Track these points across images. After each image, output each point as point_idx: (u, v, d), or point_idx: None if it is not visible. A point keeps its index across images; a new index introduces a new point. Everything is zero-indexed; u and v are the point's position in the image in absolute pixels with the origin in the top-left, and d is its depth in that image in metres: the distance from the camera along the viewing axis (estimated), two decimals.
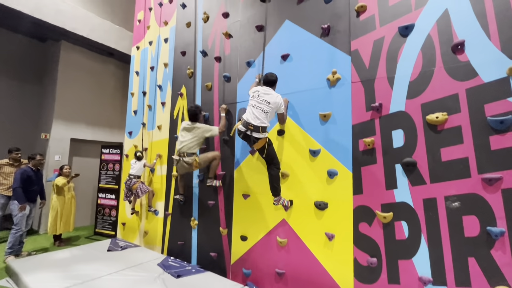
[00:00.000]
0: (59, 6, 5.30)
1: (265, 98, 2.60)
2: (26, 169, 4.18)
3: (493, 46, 1.95)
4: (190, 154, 3.21)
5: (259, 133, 2.57)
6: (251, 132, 2.57)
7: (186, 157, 3.19)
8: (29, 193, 4.15)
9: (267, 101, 2.59)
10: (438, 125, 2.11)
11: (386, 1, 2.47)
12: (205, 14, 3.97)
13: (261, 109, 2.58)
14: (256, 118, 2.57)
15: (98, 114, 6.65)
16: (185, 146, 3.22)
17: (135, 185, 4.16)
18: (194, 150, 3.24)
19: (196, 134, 3.26)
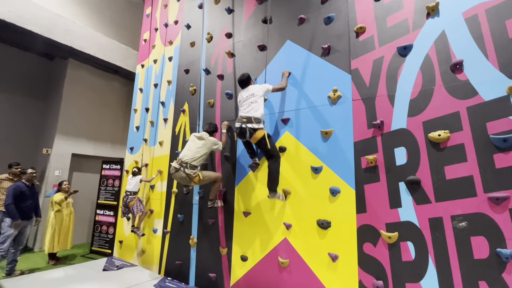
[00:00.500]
0: (69, 26, 5.50)
1: (248, 94, 2.81)
2: (18, 185, 4.02)
3: (491, 66, 1.98)
4: (194, 166, 2.98)
5: (253, 123, 2.66)
6: (246, 125, 2.65)
7: (188, 168, 2.95)
8: (23, 209, 3.97)
9: (251, 94, 2.79)
10: (441, 143, 2.10)
11: (384, 23, 2.55)
12: (209, 35, 4.11)
13: (248, 102, 2.76)
14: (247, 111, 2.73)
15: (100, 130, 6.70)
16: (190, 157, 2.99)
17: (132, 202, 4.10)
18: (198, 162, 3.02)
19: (205, 145, 3.09)
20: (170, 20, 4.95)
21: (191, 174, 2.94)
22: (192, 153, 3.01)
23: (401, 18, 2.46)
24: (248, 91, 2.84)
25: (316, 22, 3.01)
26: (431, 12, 2.31)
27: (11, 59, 6.11)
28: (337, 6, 2.88)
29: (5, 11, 4.71)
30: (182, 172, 2.94)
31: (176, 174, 2.99)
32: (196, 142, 3.10)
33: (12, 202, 3.84)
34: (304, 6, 3.13)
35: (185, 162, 2.96)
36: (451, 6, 2.23)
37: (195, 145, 3.07)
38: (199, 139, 3.12)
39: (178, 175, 2.99)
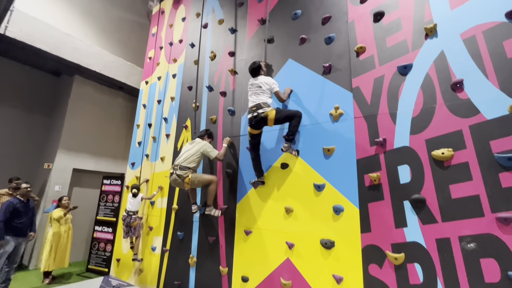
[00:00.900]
0: (76, 44, 5.68)
1: (256, 83, 2.93)
2: (12, 201, 3.88)
3: (491, 85, 2.00)
4: (184, 167, 3.02)
5: (263, 108, 2.76)
6: (257, 112, 2.76)
7: (179, 170, 3.02)
8: (17, 226, 3.83)
9: (258, 85, 2.91)
10: (445, 161, 2.08)
11: (384, 43, 2.61)
12: (213, 53, 4.21)
13: (256, 93, 2.89)
14: (255, 100, 2.85)
15: (103, 145, 6.73)
16: (181, 159, 3.10)
17: (136, 222, 4.07)
18: (189, 164, 3.05)
19: (195, 147, 3.15)
20: (175, 39, 5.10)
21: (182, 175, 3.01)
22: (184, 156, 3.14)
23: (400, 38, 2.52)
24: (258, 80, 2.94)
25: (317, 42, 3.09)
26: (429, 33, 2.37)
27: (18, 75, 6.25)
28: (337, 27, 2.97)
29: (17, 30, 4.89)
30: (174, 175, 3.05)
31: (171, 178, 3.11)
32: (188, 147, 3.25)
33: (3, 219, 3.64)
34: (305, 27, 3.23)
35: (177, 165, 3.10)
36: (448, 27, 2.29)
37: (187, 149, 3.22)
38: (190, 144, 3.29)
39: (172, 178, 3.10)
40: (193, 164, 3.10)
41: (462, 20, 2.25)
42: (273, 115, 2.74)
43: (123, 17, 7.24)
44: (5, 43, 5.07)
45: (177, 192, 4.04)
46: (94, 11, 6.59)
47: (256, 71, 3.03)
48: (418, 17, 2.47)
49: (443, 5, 2.37)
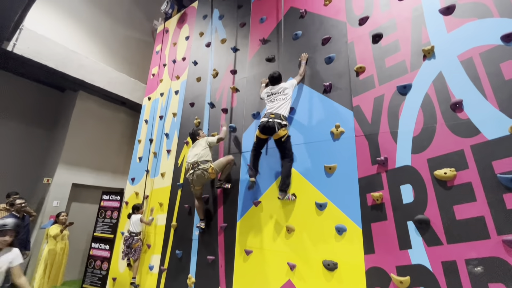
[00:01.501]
0: (82, 61, 5.81)
1: (277, 89, 2.96)
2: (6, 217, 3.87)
3: (491, 106, 2.02)
4: (205, 161, 3.20)
5: (281, 120, 2.76)
6: (274, 120, 2.75)
7: (201, 164, 3.18)
8: None
9: (281, 89, 2.94)
10: (448, 181, 2.07)
11: (383, 63, 2.67)
12: (215, 71, 4.30)
13: (279, 98, 2.90)
14: (276, 108, 2.84)
15: (103, 160, 6.72)
16: (198, 157, 3.23)
17: (137, 244, 3.99)
18: (207, 157, 3.25)
19: (201, 144, 3.36)
20: (178, 57, 5.23)
21: (206, 167, 3.16)
22: (198, 154, 3.26)
23: (399, 59, 2.58)
24: (278, 87, 2.98)
25: (317, 61, 3.16)
26: (427, 55, 2.43)
27: (22, 90, 6.36)
28: (337, 48, 3.05)
29: (25, 47, 5.03)
30: (197, 170, 3.17)
31: (194, 176, 3.20)
32: (196, 147, 3.37)
33: None
34: (305, 47, 3.32)
35: (196, 162, 3.21)
36: (446, 49, 2.35)
37: (197, 149, 3.34)
38: (197, 144, 3.42)
39: (196, 177, 3.20)
40: (208, 156, 3.28)
41: (459, 42, 2.31)
42: (283, 134, 2.75)
43: (129, 35, 7.47)
44: (12, 60, 5.20)
45: (177, 209, 3.99)
46: (100, 29, 6.80)
47: (277, 80, 3.06)
48: (416, 39, 2.54)
49: (440, 28, 2.44)
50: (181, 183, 4.05)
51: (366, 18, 2.91)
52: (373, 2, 2.92)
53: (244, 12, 4.28)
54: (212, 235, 3.40)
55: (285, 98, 2.89)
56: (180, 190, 4.05)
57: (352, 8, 3.06)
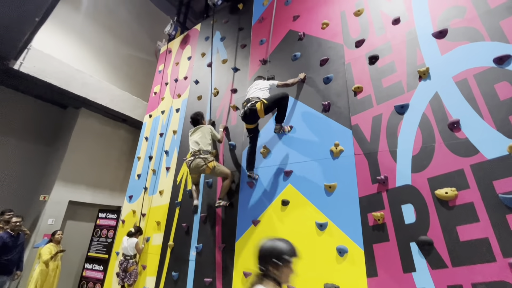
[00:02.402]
0: (86, 79, 5.95)
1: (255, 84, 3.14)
2: (1, 235, 3.74)
3: (488, 126, 2.05)
4: (206, 151, 3.23)
5: (251, 102, 2.87)
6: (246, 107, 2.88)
7: (203, 154, 3.20)
8: (3, 263, 3.63)
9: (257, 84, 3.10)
10: (449, 201, 2.04)
11: (380, 83, 2.73)
12: (216, 90, 4.39)
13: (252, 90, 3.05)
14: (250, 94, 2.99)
15: (101, 177, 6.67)
16: (200, 145, 3.24)
17: (132, 267, 3.86)
18: (208, 146, 3.27)
19: (203, 130, 3.38)
20: (180, 76, 5.35)
21: (207, 158, 3.16)
22: (199, 142, 3.26)
23: (395, 80, 2.64)
24: (257, 84, 3.14)
25: (316, 81, 3.23)
26: (423, 76, 2.49)
27: (25, 107, 6.43)
28: (335, 68, 3.13)
29: (31, 66, 5.16)
30: (197, 159, 3.16)
31: (193, 163, 3.19)
32: (197, 134, 3.38)
33: None
34: (304, 67, 3.41)
35: (197, 150, 3.22)
36: (441, 71, 2.42)
37: (197, 136, 3.34)
38: (197, 131, 3.41)
39: (194, 164, 3.18)
40: (210, 147, 3.31)
41: (453, 64, 2.38)
42: (260, 105, 2.84)
43: (132, 54, 7.70)
44: (17, 77, 5.32)
45: (174, 228, 3.90)
46: (105, 49, 7.02)
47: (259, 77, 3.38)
48: (411, 60, 2.61)
49: (434, 51, 2.52)
50: (179, 201, 4.00)
51: (362, 40, 3.01)
52: (368, 26, 3.04)
53: (245, 34, 4.44)
54: (210, 256, 3.29)
55: (258, 88, 3.04)
56: (178, 208, 3.99)
57: (349, 32, 3.18)
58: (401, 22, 2.82)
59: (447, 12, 2.58)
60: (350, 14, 3.25)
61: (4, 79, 5.48)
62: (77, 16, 6.54)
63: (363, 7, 3.18)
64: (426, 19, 2.67)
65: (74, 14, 6.48)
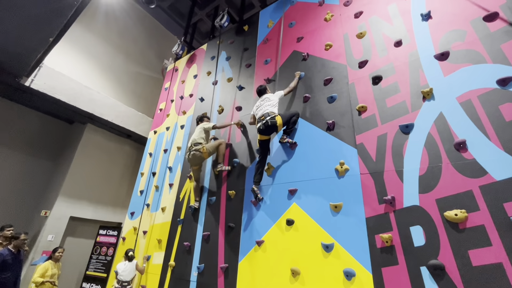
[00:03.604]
0: (93, 96, 6.09)
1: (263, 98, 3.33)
2: (2, 252, 3.65)
3: (495, 147, 2.04)
4: (197, 143, 3.63)
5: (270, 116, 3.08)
6: (265, 119, 3.08)
7: (194, 146, 3.62)
8: (2, 281, 3.51)
9: (267, 98, 3.30)
10: (459, 223, 1.99)
11: (384, 103, 2.76)
12: (220, 107, 4.46)
13: (265, 105, 3.22)
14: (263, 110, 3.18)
15: (104, 192, 6.64)
16: (192, 139, 3.70)
17: None
18: (199, 140, 3.66)
19: (198, 129, 3.80)
20: (186, 93, 5.46)
21: (199, 148, 3.59)
22: (195, 138, 3.72)
23: (399, 100, 2.67)
24: (265, 98, 3.33)
25: (320, 100, 3.27)
26: (427, 96, 2.52)
27: (32, 122, 6.56)
28: (339, 88, 3.18)
29: (41, 83, 5.32)
30: (192, 151, 3.61)
31: (191, 157, 3.63)
32: (195, 132, 3.84)
33: None
34: (308, 86, 3.47)
35: (191, 144, 3.68)
36: (444, 91, 2.44)
37: (195, 133, 3.81)
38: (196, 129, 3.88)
39: (192, 158, 3.64)
40: (201, 140, 3.69)
41: (456, 85, 2.41)
42: (280, 120, 3.08)
43: (140, 72, 7.92)
44: (26, 93, 5.46)
45: (175, 246, 3.81)
46: (114, 66, 7.24)
47: (263, 92, 3.50)
48: (414, 81, 2.66)
49: (436, 72, 2.57)
50: (182, 219, 3.94)
51: (365, 61, 3.08)
52: (371, 48, 3.13)
53: (250, 54, 4.57)
54: (212, 277, 3.19)
55: (271, 104, 3.21)
56: (180, 226, 3.92)
57: (352, 53, 3.26)
58: (403, 44, 2.90)
59: (447, 35, 2.65)
60: (352, 36, 3.36)
61: (15, 95, 5.63)
62: (89, 36, 6.81)
63: (365, 29, 3.28)
64: (427, 42, 2.74)
65: (86, 34, 6.75)
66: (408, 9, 3.04)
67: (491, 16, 2.46)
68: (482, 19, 2.51)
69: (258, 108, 3.33)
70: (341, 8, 3.68)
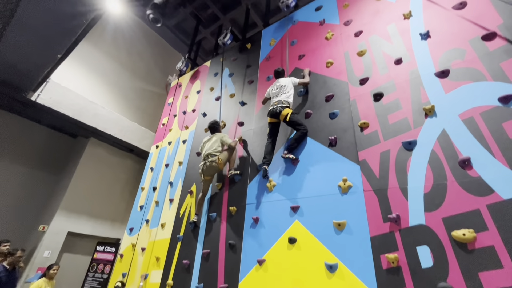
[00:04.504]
0: (98, 111, 6.18)
1: (279, 85, 3.49)
2: None
3: (501, 164, 2.00)
4: (213, 154, 3.64)
5: (283, 104, 3.29)
6: (277, 105, 3.29)
7: (210, 157, 3.64)
8: None
9: (282, 85, 3.44)
10: (468, 243, 1.92)
11: (386, 120, 2.76)
12: (223, 122, 4.49)
13: (281, 92, 3.40)
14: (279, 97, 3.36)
15: (103, 207, 6.58)
16: (210, 149, 3.70)
17: None
18: (215, 151, 3.67)
19: (215, 139, 3.81)
20: (189, 109, 5.52)
21: (215, 160, 3.61)
22: (210, 147, 3.73)
23: (401, 116, 2.67)
24: (280, 83, 3.51)
25: (322, 116, 3.29)
26: (429, 113, 2.52)
27: (35, 136, 6.63)
28: (340, 104, 3.20)
29: (47, 97, 5.42)
30: (208, 162, 3.64)
31: (204, 167, 3.67)
32: (210, 141, 3.84)
33: None
34: (310, 102, 3.50)
35: (206, 154, 3.69)
36: (446, 108, 2.45)
37: (210, 142, 3.82)
38: (211, 139, 3.87)
39: (206, 168, 3.66)
40: (218, 149, 3.70)
41: (458, 102, 2.41)
42: (287, 112, 3.22)
43: (144, 87, 8.08)
44: (32, 107, 5.56)
45: (174, 265, 3.70)
46: (120, 82, 7.40)
47: (280, 74, 3.71)
48: (415, 98, 2.67)
49: (437, 89, 2.59)
50: (181, 235, 3.85)
51: (366, 79, 3.12)
52: (371, 66, 3.18)
53: (252, 71, 4.66)
54: None
55: (286, 91, 3.39)
56: (179, 243, 3.83)
57: (353, 70, 3.32)
58: (403, 62, 2.94)
59: (447, 54, 2.69)
60: (353, 54, 3.42)
61: (20, 109, 5.73)
62: (96, 52, 7.01)
63: (365, 48, 3.35)
64: (427, 60, 2.78)
65: (94, 50, 6.96)
66: (407, 29, 3.11)
67: (489, 35, 2.51)
68: (480, 38, 2.55)
69: (274, 93, 3.52)
70: (342, 27, 3.79)
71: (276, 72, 3.75)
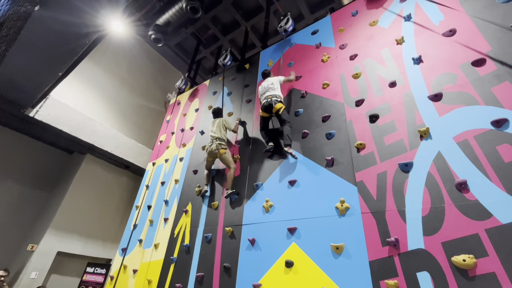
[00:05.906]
0: (96, 127, 6.18)
1: (268, 83, 3.79)
2: None
3: (497, 188, 2.00)
4: (222, 140, 3.92)
5: (276, 98, 3.60)
6: (271, 99, 3.58)
7: (218, 140, 3.89)
8: None
9: (270, 83, 3.76)
10: (468, 270, 1.88)
11: (382, 141, 2.78)
12: None
13: (270, 88, 3.70)
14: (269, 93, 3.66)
15: (96, 226, 6.39)
16: (218, 134, 3.94)
17: None
18: (223, 135, 3.96)
19: (218, 122, 4.08)
20: (187, 126, 5.55)
21: (222, 144, 3.87)
22: (216, 132, 3.99)
23: (397, 138, 2.70)
24: (268, 82, 3.81)
25: (318, 136, 3.31)
26: (424, 135, 2.55)
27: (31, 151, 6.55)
28: (337, 125, 3.24)
29: (45, 113, 5.43)
30: (214, 144, 3.87)
31: (211, 147, 3.89)
32: (215, 125, 4.09)
33: None
34: (307, 123, 3.54)
35: (215, 137, 3.94)
36: (441, 131, 2.48)
37: (215, 126, 4.07)
38: (215, 122, 4.15)
39: (214, 146, 3.86)
40: (224, 135, 3.99)
41: (452, 125, 2.45)
42: (280, 106, 3.51)
43: (143, 104, 8.14)
44: (29, 123, 5.54)
45: (168, 283, 3.55)
46: (119, 99, 7.46)
47: (267, 74, 4.04)
48: (410, 120, 2.71)
49: (431, 112, 2.63)
50: (175, 257, 3.73)
51: (362, 100, 3.18)
52: (367, 88, 3.25)
53: (250, 90, 4.75)
54: None
55: (275, 88, 3.71)
56: (173, 265, 3.70)
57: (349, 92, 3.39)
58: (398, 85, 3.02)
59: (439, 78, 2.77)
60: (349, 77, 3.51)
61: (17, 125, 5.71)
62: (96, 70, 7.12)
63: (360, 71, 3.44)
64: (420, 84, 2.86)
65: (94, 68, 7.07)
66: (400, 54, 3.22)
67: (479, 61, 2.60)
68: (470, 64, 2.64)
69: (263, 89, 3.79)
70: (337, 50, 3.91)
71: (264, 73, 4.10)
